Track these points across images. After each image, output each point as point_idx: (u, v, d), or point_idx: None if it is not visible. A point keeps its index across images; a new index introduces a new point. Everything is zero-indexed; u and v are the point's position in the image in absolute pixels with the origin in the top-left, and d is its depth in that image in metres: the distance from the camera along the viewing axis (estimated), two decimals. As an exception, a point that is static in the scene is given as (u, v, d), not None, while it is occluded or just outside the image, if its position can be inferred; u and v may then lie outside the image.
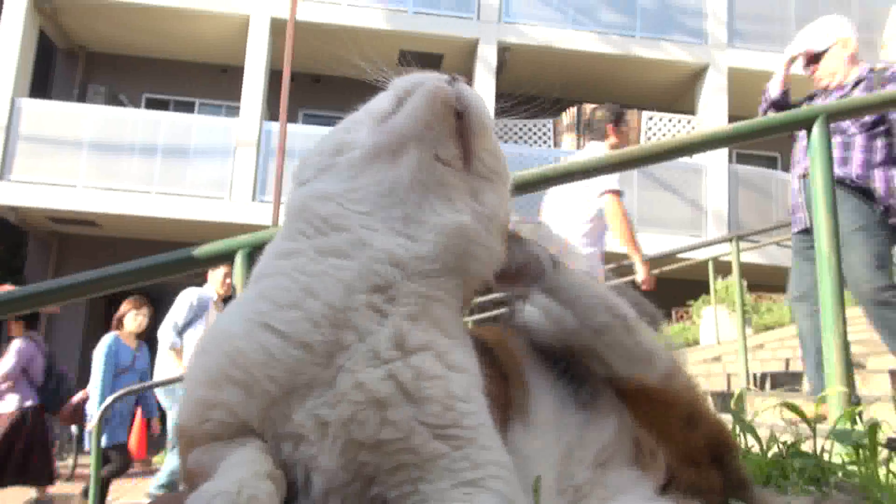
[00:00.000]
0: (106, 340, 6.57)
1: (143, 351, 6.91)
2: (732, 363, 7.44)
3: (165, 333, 6.27)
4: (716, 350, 8.93)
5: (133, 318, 6.69)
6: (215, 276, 6.54)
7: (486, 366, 0.99)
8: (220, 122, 12.88)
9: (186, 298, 6.35)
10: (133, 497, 7.33)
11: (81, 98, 13.93)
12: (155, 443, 7.77)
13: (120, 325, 6.69)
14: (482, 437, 0.88)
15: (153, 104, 14.35)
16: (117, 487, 8.04)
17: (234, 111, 13.22)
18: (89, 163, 11.68)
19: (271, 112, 12.89)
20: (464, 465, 0.85)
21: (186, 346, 6.24)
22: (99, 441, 5.58)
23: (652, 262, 8.26)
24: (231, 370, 0.88)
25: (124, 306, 6.74)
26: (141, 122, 12.36)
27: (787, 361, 6.82)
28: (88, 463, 5.84)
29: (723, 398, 5.21)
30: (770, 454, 1.57)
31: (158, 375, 6.37)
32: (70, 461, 9.05)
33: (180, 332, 6.27)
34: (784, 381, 5.66)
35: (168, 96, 14.52)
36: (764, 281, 11.76)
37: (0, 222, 12.16)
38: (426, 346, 0.89)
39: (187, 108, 14.43)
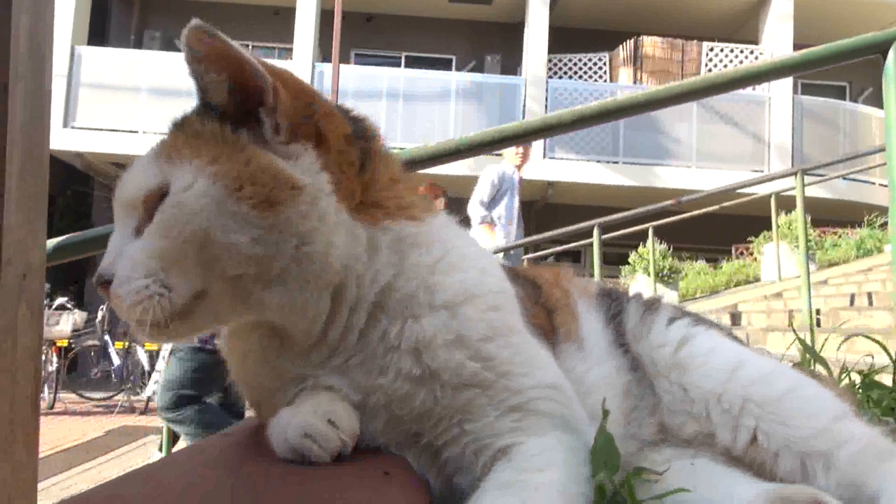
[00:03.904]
0: None
1: None
2: (794, 300, 7.30)
3: (474, 209, 6.45)
4: (777, 287, 8.77)
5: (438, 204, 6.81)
6: (509, 151, 6.57)
7: (528, 298, 1.03)
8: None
9: (487, 176, 6.49)
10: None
11: (138, 44, 14.09)
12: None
13: None
14: (518, 366, 0.91)
15: (208, 48, 14.43)
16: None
17: (286, 53, 13.22)
18: (149, 108, 11.88)
19: (323, 53, 12.85)
20: (504, 395, 0.89)
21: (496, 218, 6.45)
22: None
23: (712, 197, 8.09)
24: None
25: (422, 190, 6.87)
26: (196, 66, 12.43)
27: (852, 297, 6.66)
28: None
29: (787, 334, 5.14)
30: (841, 385, 1.56)
31: None
32: (143, 395, 9.48)
33: (488, 207, 6.45)
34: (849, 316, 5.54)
35: (222, 40, 14.56)
36: (829, 216, 11.41)
37: (66, 168, 12.53)
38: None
39: (241, 50, 14.46)
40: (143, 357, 9.74)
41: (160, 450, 4.87)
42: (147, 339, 0.87)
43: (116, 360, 9.84)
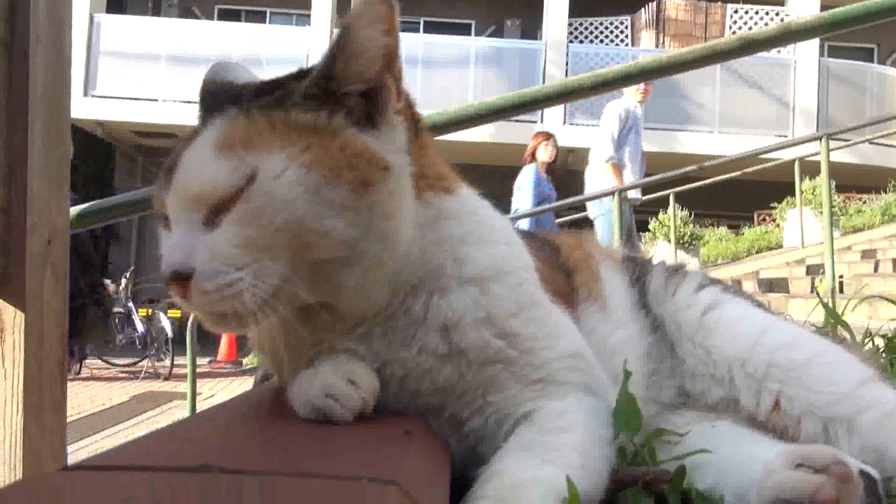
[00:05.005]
0: (530, 171, 6.76)
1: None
2: (817, 266, 7.24)
3: (603, 148, 6.27)
4: (799, 253, 8.70)
5: (544, 149, 6.82)
6: (629, 88, 6.26)
7: (546, 262, 1.03)
8: (291, 32, 12.85)
9: (613, 111, 6.29)
10: (227, 396, 7.79)
11: (156, 11, 14.07)
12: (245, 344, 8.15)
13: (533, 157, 6.85)
14: (540, 340, 0.91)
15: (225, 15, 14.40)
16: (212, 387, 8.58)
17: (304, 19, 13.14)
18: (168, 76, 11.90)
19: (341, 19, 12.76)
20: (527, 370, 0.90)
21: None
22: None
23: (734, 163, 8.00)
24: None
25: (534, 140, 6.88)
26: (215, 33, 12.44)
27: (877, 264, 6.59)
28: (184, 363, 6.20)
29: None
30: (864, 349, 1.55)
31: (590, 187, 6.51)
32: (167, 361, 9.64)
33: (617, 147, 6.21)
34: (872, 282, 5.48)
35: (239, 6, 14.52)
36: (854, 181, 11.25)
37: (88, 136, 12.62)
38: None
39: (259, 17, 14.42)
40: (166, 324, 9.89)
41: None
42: (221, 330, 0.85)
43: (140, 328, 10.00)
